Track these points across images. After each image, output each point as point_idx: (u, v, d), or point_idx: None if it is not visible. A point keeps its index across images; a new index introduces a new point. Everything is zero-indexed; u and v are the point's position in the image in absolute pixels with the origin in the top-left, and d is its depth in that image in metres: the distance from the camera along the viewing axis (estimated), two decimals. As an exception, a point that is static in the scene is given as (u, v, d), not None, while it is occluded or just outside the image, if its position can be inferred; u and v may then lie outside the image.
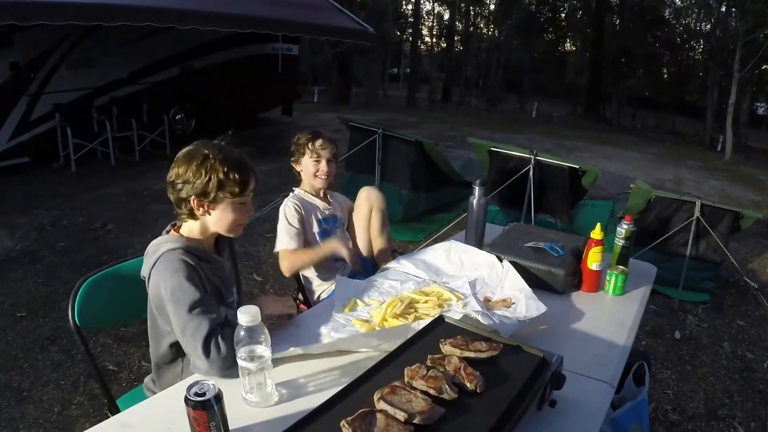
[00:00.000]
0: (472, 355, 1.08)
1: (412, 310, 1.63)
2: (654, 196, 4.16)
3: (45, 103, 6.70)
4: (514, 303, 1.71)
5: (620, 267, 1.94)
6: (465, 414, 0.92)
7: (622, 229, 2.03)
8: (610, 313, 1.79)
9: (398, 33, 25.97)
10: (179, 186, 1.46)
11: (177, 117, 8.54)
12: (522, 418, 0.96)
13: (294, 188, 2.43)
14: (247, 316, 1.10)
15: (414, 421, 0.85)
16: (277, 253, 2.24)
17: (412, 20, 24.65)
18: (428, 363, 1.04)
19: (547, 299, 1.69)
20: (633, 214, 4.50)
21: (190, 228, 1.55)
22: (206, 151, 1.46)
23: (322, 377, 1.28)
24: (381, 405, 0.89)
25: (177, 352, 1.53)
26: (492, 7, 26.12)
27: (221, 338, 1.29)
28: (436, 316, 1.30)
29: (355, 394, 0.95)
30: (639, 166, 10.01)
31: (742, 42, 13.74)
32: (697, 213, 3.84)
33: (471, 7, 24.96)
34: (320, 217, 2.34)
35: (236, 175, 1.46)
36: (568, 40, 28.37)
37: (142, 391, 1.75)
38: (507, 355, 1.13)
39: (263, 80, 9.50)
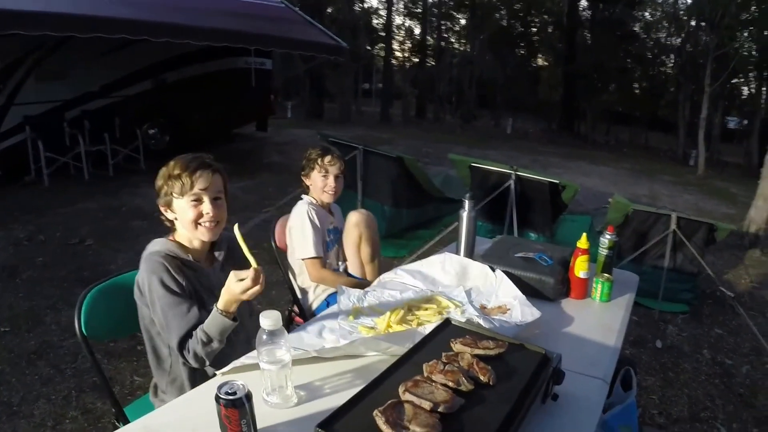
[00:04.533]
0: (482, 352, 1.17)
1: (414, 317, 1.71)
2: (632, 210, 4.32)
3: (15, 115, 6.58)
4: (509, 309, 1.79)
5: (605, 275, 2.05)
6: (481, 404, 1.00)
7: (606, 239, 2.14)
8: (598, 318, 1.89)
9: (369, 48, 26.16)
10: (158, 197, 1.61)
11: (150, 132, 8.46)
12: (531, 407, 1.04)
13: (304, 195, 2.50)
14: (269, 320, 1.15)
15: (438, 410, 0.93)
16: (305, 259, 2.34)
17: (383, 35, 24.89)
18: (444, 359, 1.12)
19: (539, 306, 1.77)
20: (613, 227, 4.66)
21: (178, 234, 1.65)
22: (171, 162, 1.59)
23: (336, 380, 1.34)
24: (407, 396, 0.97)
25: (174, 355, 1.58)
26: (463, 21, 26.57)
27: (191, 341, 1.46)
28: (443, 319, 1.38)
29: (379, 389, 1.02)
30: (614, 181, 10.29)
31: (713, 56, 14.21)
32: (673, 226, 4.01)
33: (442, 22, 25.34)
34: (329, 227, 2.43)
35: (177, 171, 1.55)
36: (540, 56, 28.92)
37: (148, 400, 1.79)
38: (512, 353, 1.22)
39: (237, 95, 9.44)
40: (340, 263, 2.57)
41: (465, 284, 2.00)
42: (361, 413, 0.94)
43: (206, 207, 1.57)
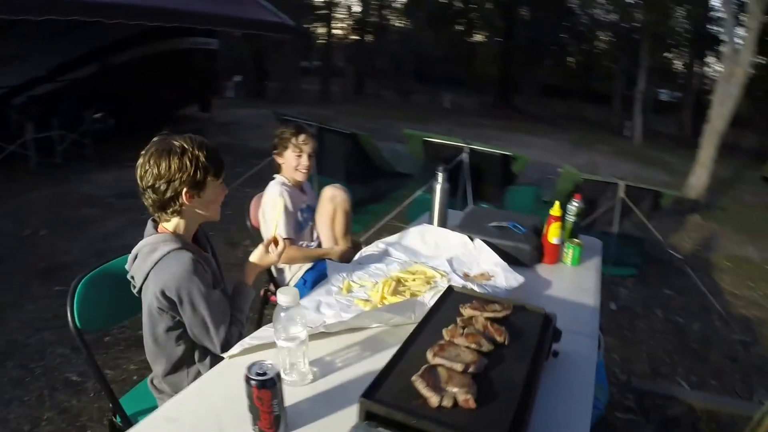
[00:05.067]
0: (491, 314, 1.24)
1: (405, 288, 1.77)
2: (581, 180, 4.52)
3: None
4: (492, 276, 1.87)
5: (576, 240, 2.18)
6: (502, 362, 1.07)
7: (573, 206, 2.28)
8: (573, 281, 2.01)
9: (308, 26, 25.73)
10: (162, 186, 1.44)
11: (96, 116, 8.17)
12: (545, 363, 1.12)
13: (276, 175, 2.49)
14: (287, 297, 1.16)
15: (469, 371, 0.99)
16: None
17: (324, 12, 24.55)
18: (460, 323, 1.18)
19: (517, 271, 1.87)
20: (561, 196, 4.87)
21: (175, 225, 1.53)
22: (177, 144, 1.45)
23: (345, 353, 1.37)
24: (437, 360, 1.02)
25: (190, 349, 1.56)
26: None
27: (232, 337, 1.46)
28: (446, 288, 1.44)
29: (407, 356, 1.07)
30: (554, 153, 10.59)
31: (650, 33, 14.86)
32: (621, 194, 4.23)
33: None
34: (302, 206, 2.43)
35: (215, 157, 1.50)
36: (478, 31, 29.21)
37: (143, 391, 1.76)
38: (516, 314, 1.30)
39: (182, 76, 9.24)
40: (314, 240, 2.59)
41: (446, 254, 2.07)
42: (397, 380, 0.98)
43: (224, 194, 1.61)
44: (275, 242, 1.65)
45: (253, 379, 1.00)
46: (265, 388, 1.00)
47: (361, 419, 0.91)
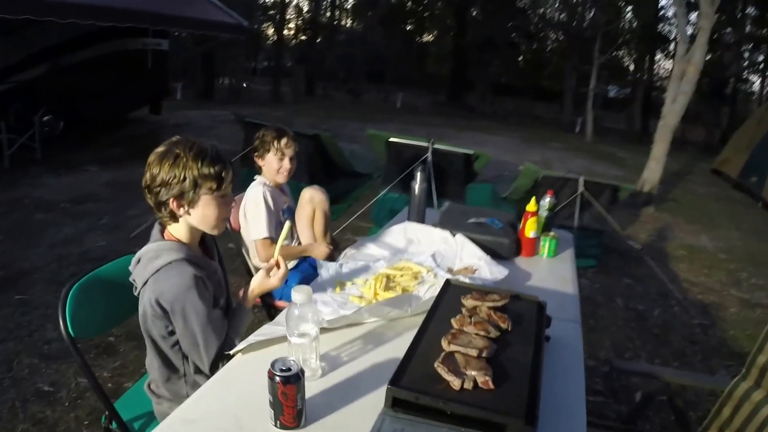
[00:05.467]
0: (492, 304, 1.31)
1: (395, 283, 1.82)
2: (541, 176, 4.68)
3: None
4: (476, 270, 1.95)
5: (551, 233, 2.29)
6: (509, 347, 1.14)
7: (545, 202, 2.39)
8: (551, 271, 2.11)
9: (257, 26, 25.46)
10: (156, 189, 1.42)
11: (45, 118, 7.87)
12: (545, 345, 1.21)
13: (257, 176, 2.51)
14: (301, 295, 1.20)
15: (483, 355, 1.06)
16: (257, 240, 2.35)
17: (272, 12, 24.34)
18: (467, 313, 1.25)
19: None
20: (520, 192, 5.04)
21: (178, 230, 1.51)
22: (178, 150, 1.41)
23: (348, 348, 1.41)
24: (452, 347, 1.08)
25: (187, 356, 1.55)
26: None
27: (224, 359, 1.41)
28: (444, 281, 1.51)
29: (422, 345, 1.13)
30: (508, 150, 10.82)
31: (602, 32, 15.40)
32: (581, 188, 4.42)
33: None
34: (283, 207, 2.45)
35: (211, 170, 1.42)
36: (429, 31, 29.55)
37: (134, 397, 1.78)
38: (514, 302, 1.38)
39: (134, 77, 9.11)
40: (295, 241, 2.62)
41: (429, 250, 2.14)
42: (418, 367, 1.04)
43: (230, 202, 1.55)
44: (277, 266, 1.59)
45: (279, 375, 1.02)
46: (290, 383, 1.03)
47: (388, 406, 0.96)
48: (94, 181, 6.44)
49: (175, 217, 1.47)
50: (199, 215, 1.47)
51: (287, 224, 1.61)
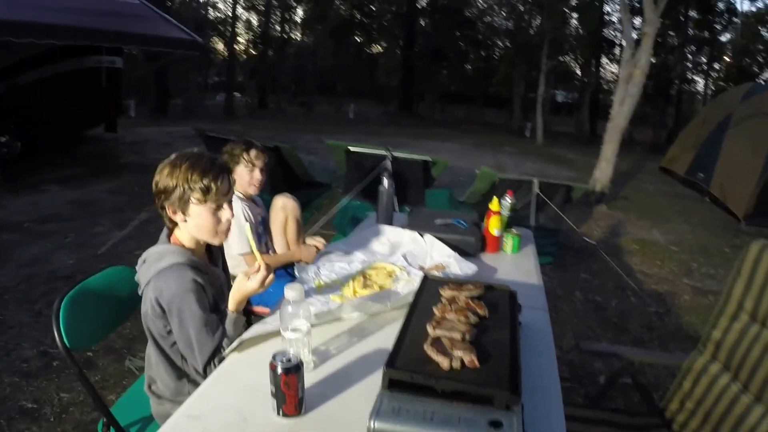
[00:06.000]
0: (468, 293, 1.42)
1: (372, 282, 1.92)
2: (498, 179, 4.85)
3: None
4: (446, 267, 2.07)
5: (513, 230, 2.43)
6: (488, 331, 1.25)
7: (507, 202, 2.55)
8: (516, 266, 2.25)
9: (208, 42, 25.25)
10: (157, 195, 1.52)
11: (2, 140, 7.71)
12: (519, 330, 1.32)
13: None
14: (293, 292, 1.29)
15: (466, 338, 1.17)
16: (242, 254, 2.40)
17: (222, 28, 24.24)
18: (447, 302, 1.36)
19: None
20: (477, 196, 5.20)
21: (182, 236, 1.58)
22: (178, 160, 1.51)
23: (335, 342, 1.50)
24: (437, 332, 1.18)
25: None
26: (301, 12, 26.68)
27: (217, 361, 1.46)
28: (422, 277, 1.61)
29: (410, 331, 1.23)
30: (461, 156, 11.06)
31: (549, 39, 15.93)
32: (536, 190, 4.61)
33: (280, 13, 25.18)
34: (258, 219, 2.51)
35: (200, 181, 1.48)
36: (378, 43, 29.87)
37: (130, 401, 1.81)
38: (488, 292, 1.49)
39: (89, 95, 9.02)
40: (270, 251, 2.69)
41: (400, 250, 2.24)
42: (409, 351, 1.14)
43: (226, 213, 1.58)
44: (258, 270, 1.56)
45: (281, 367, 1.10)
46: (291, 373, 1.11)
47: (385, 387, 1.05)
48: (56, 200, 6.32)
49: (174, 222, 1.56)
50: (194, 223, 1.55)
51: (247, 227, 1.65)
